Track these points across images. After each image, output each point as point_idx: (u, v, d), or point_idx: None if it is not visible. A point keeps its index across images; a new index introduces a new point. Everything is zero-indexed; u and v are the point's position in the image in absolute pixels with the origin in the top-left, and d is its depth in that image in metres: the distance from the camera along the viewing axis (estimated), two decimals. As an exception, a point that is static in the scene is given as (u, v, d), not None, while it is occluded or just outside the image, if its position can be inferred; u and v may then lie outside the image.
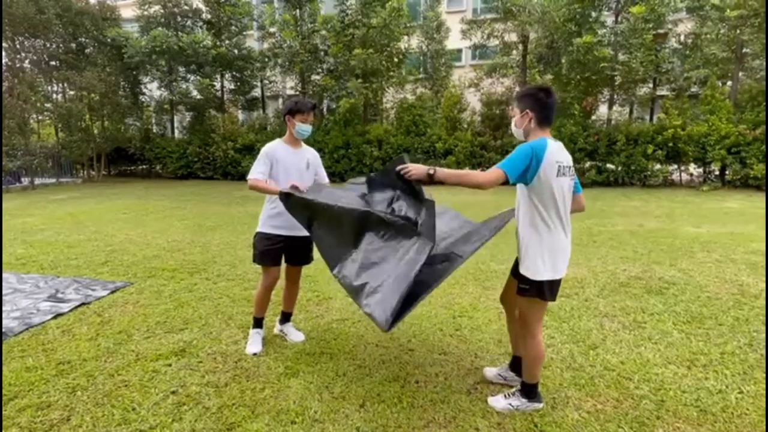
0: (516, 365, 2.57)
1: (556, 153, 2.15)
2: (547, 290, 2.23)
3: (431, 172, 2.22)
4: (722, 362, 2.88)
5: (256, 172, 2.90)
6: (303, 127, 2.99)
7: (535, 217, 2.20)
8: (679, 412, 2.37)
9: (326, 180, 3.24)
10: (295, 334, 3.27)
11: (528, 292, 2.25)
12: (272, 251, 3.01)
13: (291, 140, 3.05)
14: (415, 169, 2.30)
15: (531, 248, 2.22)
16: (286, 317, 3.33)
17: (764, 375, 2.72)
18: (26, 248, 6.05)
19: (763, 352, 3.00)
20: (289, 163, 2.98)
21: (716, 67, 13.21)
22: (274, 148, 2.98)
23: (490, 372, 2.69)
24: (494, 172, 2.10)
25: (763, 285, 4.31)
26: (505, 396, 2.45)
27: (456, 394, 2.55)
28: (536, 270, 2.20)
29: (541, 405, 2.41)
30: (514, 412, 2.36)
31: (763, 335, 3.25)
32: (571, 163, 2.26)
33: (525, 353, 2.38)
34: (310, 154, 3.15)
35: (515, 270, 2.40)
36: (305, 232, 2.85)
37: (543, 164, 2.10)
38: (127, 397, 2.53)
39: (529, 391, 2.40)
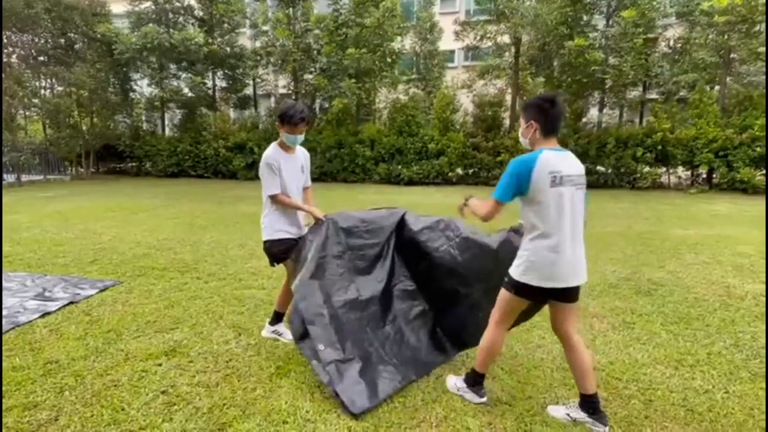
0: (585, 404, 2.29)
1: (551, 164, 2.11)
2: (525, 290, 2.22)
3: (466, 201, 2.50)
4: (709, 362, 2.93)
5: (275, 187, 2.89)
6: (291, 137, 2.93)
7: (532, 228, 2.20)
8: (666, 411, 2.41)
9: (309, 183, 3.19)
10: (289, 333, 3.25)
11: (505, 285, 2.30)
12: (288, 252, 3.00)
13: (285, 145, 3.00)
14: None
15: (525, 256, 2.21)
16: (279, 317, 3.31)
17: (749, 375, 2.77)
18: (12, 246, 5.95)
19: (749, 352, 3.06)
20: (287, 169, 2.95)
21: (704, 72, 13.41)
22: (275, 157, 2.91)
23: (558, 412, 2.38)
24: (490, 203, 2.26)
25: (749, 287, 4.38)
26: (457, 377, 2.60)
27: (448, 393, 2.56)
28: (524, 275, 2.19)
29: (478, 400, 2.45)
30: (455, 393, 2.53)
31: (749, 336, 3.31)
32: (578, 172, 2.19)
33: (483, 338, 2.42)
34: (303, 158, 3.13)
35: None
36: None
37: (532, 177, 2.10)
38: (116, 397, 2.51)
39: (471, 378, 2.48)
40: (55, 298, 3.95)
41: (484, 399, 2.46)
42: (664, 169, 13.61)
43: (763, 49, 11.57)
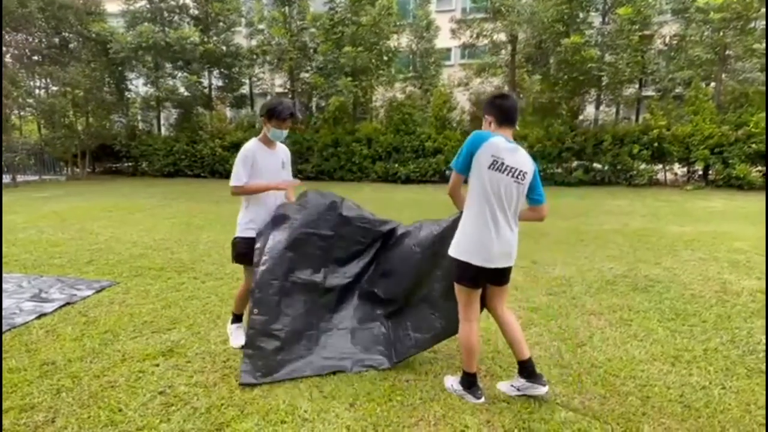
0: (522, 370, 2.47)
1: (496, 148, 2.27)
2: (461, 272, 2.36)
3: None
4: (705, 359, 2.94)
5: (239, 178, 2.88)
6: (277, 133, 2.96)
7: (469, 200, 2.36)
8: (664, 408, 2.41)
9: (290, 178, 3.21)
10: (236, 339, 3.12)
11: (455, 278, 2.41)
12: (252, 253, 2.95)
13: (266, 140, 3.01)
14: None
15: (460, 228, 2.39)
16: (238, 319, 3.24)
17: (745, 371, 2.79)
18: (8, 247, 5.92)
19: (745, 348, 3.07)
20: (266, 164, 2.97)
21: (700, 69, 13.44)
22: (253, 150, 2.94)
23: (503, 386, 2.56)
24: (452, 176, 2.42)
25: (745, 283, 4.40)
26: (454, 378, 2.60)
27: (446, 392, 2.56)
28: (455, 248, 2.37)
29: (477, 401, 2.44)
30: (455, 395, 2.52)
31: (745, 332, 3.32)
32: (522, 168, 2.32)
33: (458, 338, 2.51)
34: (284, 154, 3.15)
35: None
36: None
37: (477, 153, 2.28)
38: (113, 398, 2.50)
39: (464, 380, 2.50)
40: (51, 299, 3.93)
41: (482, 399, 2.46)
42: (660, 166, 13.67)
43: (758, 45, 11.62)
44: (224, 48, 16.87)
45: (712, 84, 13.86)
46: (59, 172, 18.07)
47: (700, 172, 13.23)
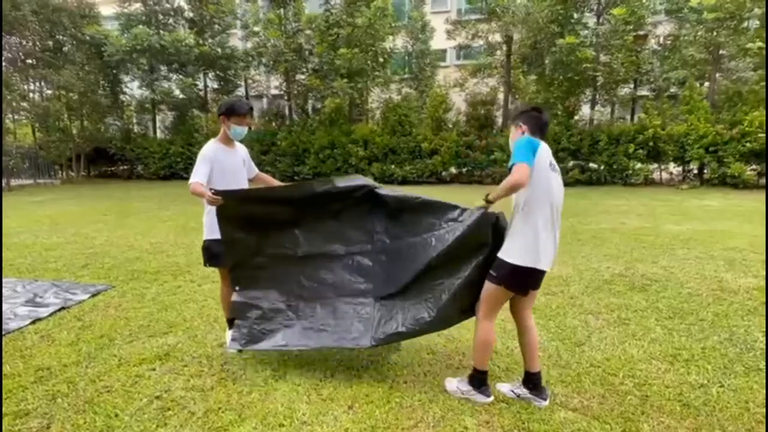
0: (528, 380, 2.47)
1: (547, 151, 2.30)
2: (518, 277, 2.28)
3: (488, 198, 2.38)
4: (703, 357, 2.94)
5: (199, 175, 2.83)
6: (238, 130, 2.97)
7: (530, 203, 2.27)
8: (662, 406, 2.41)
9: (255, 170, 3.29)
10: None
11: (495, 279, 2.32)
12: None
13: (226, 140, 3.02)
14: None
15: (519, 232, 2.29)
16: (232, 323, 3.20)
17: (743, 369, 2.79)
18: (2, 251, 5.87)
19: (742, 346, 3.08)
20: (227, 163, 2.99)
21: (694, 69, 13.52)
22: (213, 150, 2.94)
23: (504, 388, 2.57)
24: (519, 167, 2.18)
25: (742, 281, 4.42)
26: (458, 380, 2.55)
27: (445, 393, 2.55)
28: (517, 254, 2.26)
29: (486, 400, 2.44)
30: (460, 397, 2.48)
31: (742, 330, 3.33)
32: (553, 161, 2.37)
33: (475, 335, 2.45)
34: (244, 152, 3.18)
35: None
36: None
37: (538, 154, 2.23)
38: (109, 403, 2.47)
39: (475, 379, 2.46)
40: (46, 304, 3.89)
41: (491, 398, 2.45)
42: (656, 165, 13.71)
43: (751, 45, 11.68)
44: (219, 50, 16.83)
45: (706, 83, 13.94)
46: (54, 176, 17.97)
47: (696, 171, 13.29)
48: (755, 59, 12.70)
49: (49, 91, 16.61)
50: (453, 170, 14.99)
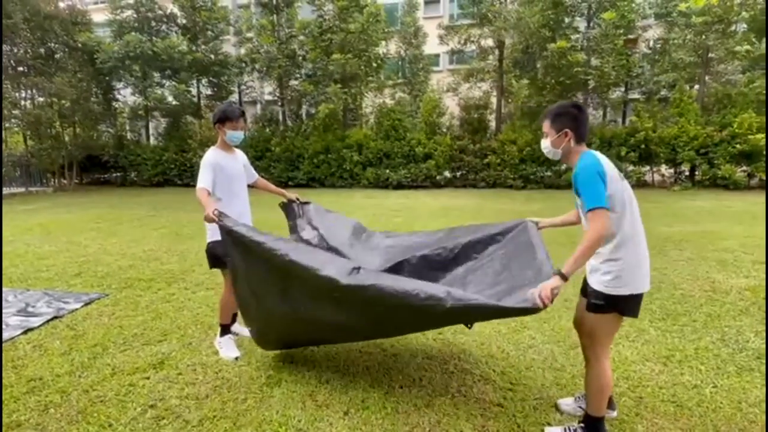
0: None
1: (608, 164, 1.99)
2: (632, 305, 2.02)
3: (563, 274, 1.86)
4: (697, 357, 2.96)
5: (205, 182, 2.89)
6: (234, 134, 3.06)
7: (619, 225, 1.99)
8: (657, 408, 2.43)
9: (256, 176, 3.40)
10: (231, 350, 3.15)
11: (602, 309, 2.02)
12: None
13: (225, 147, 3.11)
14: (546, 290, 1.82)
15: (619, 261, 1.99)
16: (227, 329, 3.25)
17: (736, 369, 2.81)
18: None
19: (735, 346, 3.11)
20: (229, 168, 3.07)
21: (684, 71, 13.70)
22: (216, 156, 3.02)
23: (566, 405, 2.38)
24: (597, 217, 1.86)
25: (734, 282, 4.46)
26: (565, 430, 2.21)
27: (440, 397, 2.55)
28: (625, 286, 1.98)
29: None
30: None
31: (734, 330, 3.36)
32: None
33: (588, 382, 2.12)
34: (242, 157, 3.28)
35: (585, 288, 2.19)
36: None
37: (608, 176, 1.94)
38: (103, 413, 2.45)
39: (594, 426, 2.13)
40: (38, 314, 3.86)
41: None
42: (647, 167, 13.84)
43: (739, 48, 11.86)
44: (213, 56, 16.83)
45: (696, 86, 14.12)
46: (46, 184, 17.82)
47: (687, 173, 13.43)
48: (743, 62, 12.90)
49: (41, 99, 16.50)
50: (447, 174, 15.04)
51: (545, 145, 2.14)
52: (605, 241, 1.98)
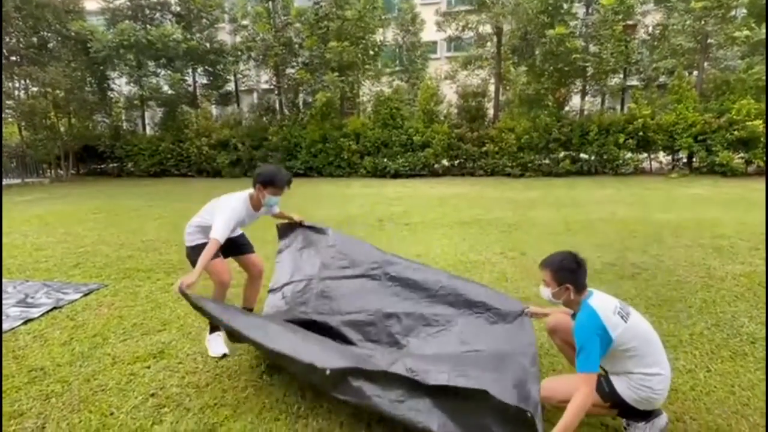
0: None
1: (603, 307, 2.05)
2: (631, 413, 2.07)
3: None
4: (691, 343, 3.00)
5: (222, 235, 2.71)
6: (273, 200, 2.94)
7: (632, 371, 2.04)
8: (651, 392, 2.46)
9: (277, 209, 3.19)
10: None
11: (607, 398, 2.06)
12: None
13: (256, 203, 2.96)
14: None
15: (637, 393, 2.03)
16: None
17: (730, 354, 2.85)
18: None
19: (729, 331, 3.14)
20: (248, 222, 3.02)
21: (683, 58, 13.61)
22: (244, 211, 2.91)
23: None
24: (585, 381, 1.92)
25: (729, 268, 4.49)
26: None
27: (438, 384, 2.57)
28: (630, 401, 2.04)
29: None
30: None
31: (729, 315, 3.40)
32: (617, 302, 2.12)
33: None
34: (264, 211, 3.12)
35: None
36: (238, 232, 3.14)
37: (607, 327, 1.99)
38: (104, 401, 2.48)
39: None
40: (37, 304, 3.87)
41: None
42: (645, 154, 13.83)
43: (738, 33, 11.77)
44: (208, 45, 16.66)
45: (695, 73, 14.04)
46: (42, 175, 17.74)
47: (685, 160, 13.43)
48: (742, 48, 12.81)
49: (35, 89, 16.32)
50: (445, 162, 15.01)
51: (547, 294, 2.20)
52: (627, 377, 2.05)
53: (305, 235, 3.38)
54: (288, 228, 3.43)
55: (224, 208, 2.82)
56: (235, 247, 3.14)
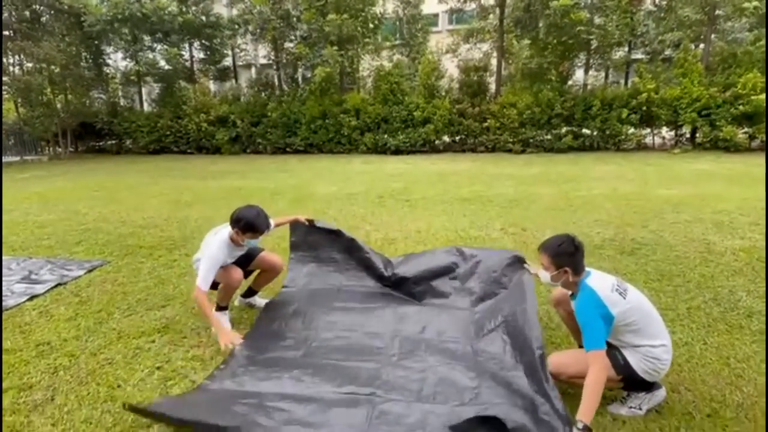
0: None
1: (600, 286, 2.10)
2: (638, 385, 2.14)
3: (586, 426, 1.85)
4: (689, 316, 3.04)
5: (206, 284, 2.73)
6: (252, 242, 2.94)
7: (637, 345, 2.10)
8: (648, 364, 2.50)
9: (272, 227, 3.11)
10: (260, 301, 3.38)
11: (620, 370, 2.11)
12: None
13: (238, 244, 2.90)
14: None
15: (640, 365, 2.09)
16: (252, 292, 3.36)
17: (726, 327, 2.89)
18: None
19: (726, 305, 3.18)
20: (231, 259, 2.99)
21: (689, 30, 13.30)
22: (225, 254, 2.84)
23: (622, 410, 2.19)
24: (595, 359, 1.97)
25: (728, 243, 4.51)
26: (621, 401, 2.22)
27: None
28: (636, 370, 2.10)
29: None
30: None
31: (727, 290, 3.43)
32: (614, 279, 2.18)
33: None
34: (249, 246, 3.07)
35: None
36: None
37: (607, 305, 2.04)
38: (111, 374, 2.53)
39: None
40: (42, 281, 3.91)
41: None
42: (648, 130, 13.69)
43: (747, 4, 11.47)
44: (204, 18, 16.26)
45: (701, 45, 13.76)
46: (41, 152, 17.65)
47: (688, 135, 13.30)
48: (751, 19, 12.50)
49: (30, 65, 16.07)
50: (446, 138, 14.89)
51: (545, 277, 2.26)
52: (632, 348, 2.12)
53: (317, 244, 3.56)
54: (300, 231, 3.55)
55: (206, 257, 2.79)
56: (243, 258, 3.13)
